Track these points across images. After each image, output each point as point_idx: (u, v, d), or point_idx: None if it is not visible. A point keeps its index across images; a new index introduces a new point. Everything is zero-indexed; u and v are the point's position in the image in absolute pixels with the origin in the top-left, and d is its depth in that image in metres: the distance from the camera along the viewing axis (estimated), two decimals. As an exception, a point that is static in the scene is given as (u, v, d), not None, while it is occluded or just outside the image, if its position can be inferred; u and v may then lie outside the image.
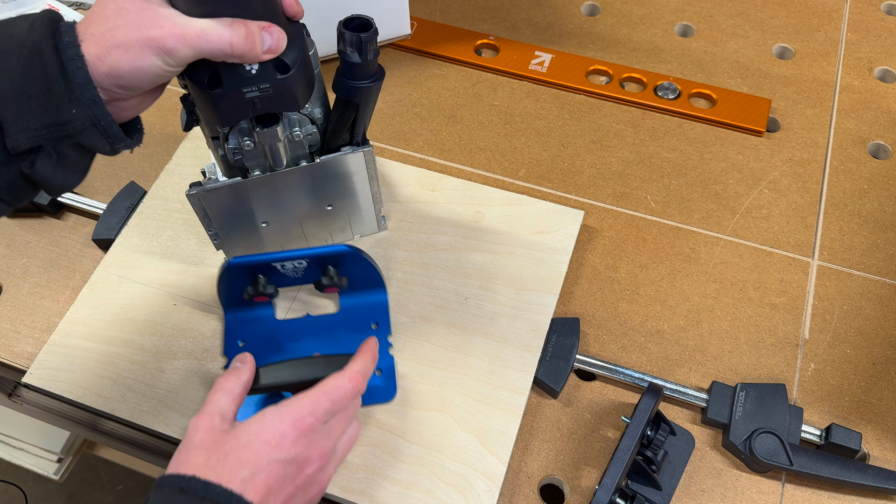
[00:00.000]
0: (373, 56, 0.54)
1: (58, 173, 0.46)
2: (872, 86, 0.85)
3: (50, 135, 0.44)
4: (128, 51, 0.44)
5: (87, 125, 0.45)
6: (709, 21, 0.92)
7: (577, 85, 0.85)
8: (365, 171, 0.63)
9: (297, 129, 0.57)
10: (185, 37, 0.45)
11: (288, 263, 0.61)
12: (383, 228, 0.71)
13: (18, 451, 1.42)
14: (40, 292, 0.70)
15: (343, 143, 0.61)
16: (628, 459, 0.56)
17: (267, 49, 0.48)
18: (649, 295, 0.70)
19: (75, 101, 0.44)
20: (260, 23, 0.47)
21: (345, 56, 0.54)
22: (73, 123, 0.44)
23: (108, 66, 0.44)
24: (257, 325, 0.65)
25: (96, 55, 0.44)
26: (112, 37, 0.44)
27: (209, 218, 0.62)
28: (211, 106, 0.51)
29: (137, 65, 0.44)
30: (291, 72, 0.50)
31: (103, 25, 0.44)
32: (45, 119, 0.44)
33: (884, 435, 0.62)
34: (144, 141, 0.51)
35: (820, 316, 0.68)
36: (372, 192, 0.66)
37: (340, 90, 0.56)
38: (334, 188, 0.64)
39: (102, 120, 0.45)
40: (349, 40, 0.53)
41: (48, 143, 0.45)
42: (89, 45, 0.44)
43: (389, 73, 0.87)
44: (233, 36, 0.46)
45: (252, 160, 0.58)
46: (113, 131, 0.46)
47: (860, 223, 0.74)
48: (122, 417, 0.61)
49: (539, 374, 0.63)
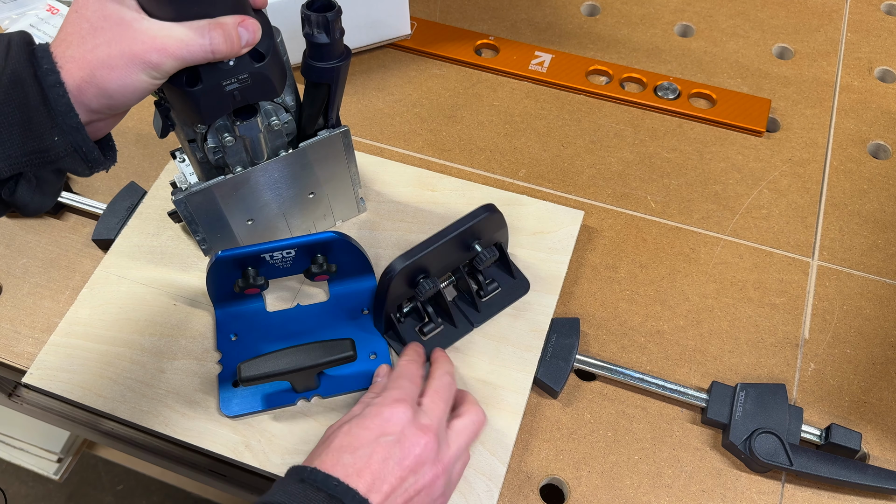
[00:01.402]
0: (339, 35, 0.55)
1: (35, 198, 0.47)
2: (872, 86, 0.85)
3: (31, 162, 0.44)
4: (113, 70, 0.44)
5: (68, 151, 0.45)
6: (709, 21, 0.92)
7: (577, 85, 0.85)
8: (343, 152, 0.64)
9: (274, 118, 0.58)
10: (168, 49, 0.45)
11: (276, 254, 0.61)
12: (363, 210, 0.72)
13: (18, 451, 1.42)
14: (40, 292, 0.70)
15: (318, 128, 0.62)
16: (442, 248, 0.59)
17: (245, 44, 0.48)
18: (649, 295, 0.70)
19: (57, 129, 0.44)
20: (235, 18, 0.47)
21: (311, 38, 0.55)
22: (55, 150, 0.44)
23: (96, 87, 0.44)
24: (249, 318, 0.65)
25: (82, 78, 0.44)
26: (94, 57, 0.44)
27: (196, 222, 0.62)
28: (192, 104, 0.51)
29: (125, 82, 0.44)
30: (266, 59, 0.51)
31: (82, 47, 0.44)
32: (26, 147, 0.44)
33: (884, 435, 0.62)
34: (144, 141, 0.51)
35: (820, 316, 0.68)
36: (350, 173, 0.67)
37: (311, 74, 0.57)
38: (315, 174, 0.65)
39: (83, 146, 0.45)
40: (315, 21, 0.53)
41: (29, 170, 0.45)
42: (72, 68, 0.44)
43: (389, 73, 0.87)
44: (213, 40, 0.46)
45: (233, 156, 0.59)
46: (93, 156, 0.46)
47: (860, 223, 0.74)
48: (122, 417, 0.61)
49: (539, 374, 0.63)
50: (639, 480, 0.60)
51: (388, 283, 0.59)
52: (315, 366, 0.56)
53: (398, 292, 0.61)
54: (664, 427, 0.62)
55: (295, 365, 0.56)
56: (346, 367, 0.62)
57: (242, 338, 0.64)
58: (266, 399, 0.61)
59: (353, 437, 0.49)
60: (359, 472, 0.47)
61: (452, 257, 0.63)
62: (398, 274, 0.58)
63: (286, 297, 0.67)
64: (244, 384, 0.56)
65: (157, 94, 0.54)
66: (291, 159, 0.62)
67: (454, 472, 0.53)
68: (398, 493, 0.48)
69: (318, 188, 0.67)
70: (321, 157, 0.64)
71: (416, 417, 0.51)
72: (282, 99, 0.58)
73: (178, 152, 0.65)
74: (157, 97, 0.55)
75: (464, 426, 0.54)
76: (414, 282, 0.61)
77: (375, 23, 0.85)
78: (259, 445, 0.60)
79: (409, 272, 0.59)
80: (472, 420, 0.55)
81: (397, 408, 0.51)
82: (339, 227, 0.72)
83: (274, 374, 0.56)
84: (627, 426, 0.63)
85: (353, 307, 0.66)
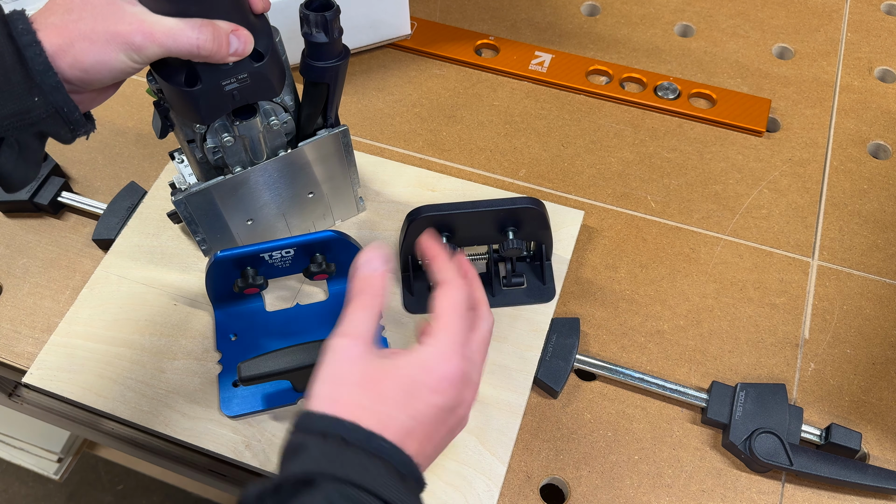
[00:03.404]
0: (338, 34, 0.55)
1: (19, 166, 0.46)
2: (872, 86, 0.85)
3: (13, 124, 0.43)
4: (93, 43, 0.43)
5: (50, 112, 0.44)
6: (709, 21, 0.92)
7: (577, 85, 0.85)
8: (342, 151, 0.65)
9: (273, 118, 0.58)
10: (154, 34, 0.44)
11: (275, 253, 0.61)
12: (362, 210, 0.72)
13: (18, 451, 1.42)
14: (40, 292, 0.70)
15: (317, 128, 0.62)
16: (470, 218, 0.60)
17: (233, 52, 0.48)
18: (649, 295, 0.70)
19: (36, 89, 0.43)
20: (229, 25, 0.47)
21: (310, 38, 0.55)
22: (37, 111, 0.43)
23: (72, 57, 0.43)
24: (248, 318, 0.65)
25: (59, 45, 0.43)
26: (76, 28, 0.43)
27: (196, 222, 0.62)
28: (191, 104, 0.51)
29: (102, 58, 0.44)
30: (265, 59, 0.51)
31: (66, 16, 0.44)
32: (6, 109, 0.43)
33: (884, 435, 0.62)
34: (144, 141, 0.51)
35: (820, 316, 0.68)
36: (349, 172, 0.67)
37: (310, 73, 0.57)
38: (314, 174, 0.65)
39: (65, 106, 0.44)
40: (314, 21, 0.54)
41: (11, 134, 0.44)
42: (50, 34, 0.43)
43: (389, 73, 0.87)
44: (200, 37, 0.46)
45: (233, 157, 0.59)
46: (75, 117, 0.45)
47: (860, 223, 0.74)
48: (122, 417, 0.61)
49: (539, 374, 0.63)
50: (639, 480, 0.60)
51: (409, 222, 0.61)
52: (315, 364, 0.56)
53: (416, 238, 0.60)
54: (664, 427, 0.62)
55: (295, 364, 0.56)
56: None
57: (242, 337, 0.64)
58: (266, 399, 0.61)
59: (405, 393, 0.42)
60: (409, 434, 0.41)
61: (483, 232, 0.64)
62: (421, 219, 0.60)
63: (285, 296, 0.67)
64: (244, 384, 0.56)
65: (156, 95, 0.54)
66: (290, 159, 0.62)
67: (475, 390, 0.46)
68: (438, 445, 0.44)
69: (317, 188, 0.67)
70: (320, 157, 0.64)
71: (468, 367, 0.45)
72: (281, 99, 0.58)
73: (176, 153, 0.65)
74: (156, 97, 0.55)
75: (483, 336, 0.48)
76: None
77: (375, 23, 0.85)
78: (259, 445, 0.60)
79: (435, 224, 0.61)
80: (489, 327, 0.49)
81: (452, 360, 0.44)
82: (338, 227, 0.72)
83: (274, 374, 0.56)
84: (627, 426, 0.63)
85: None
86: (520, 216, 0.63)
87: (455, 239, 0.64)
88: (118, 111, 0.83)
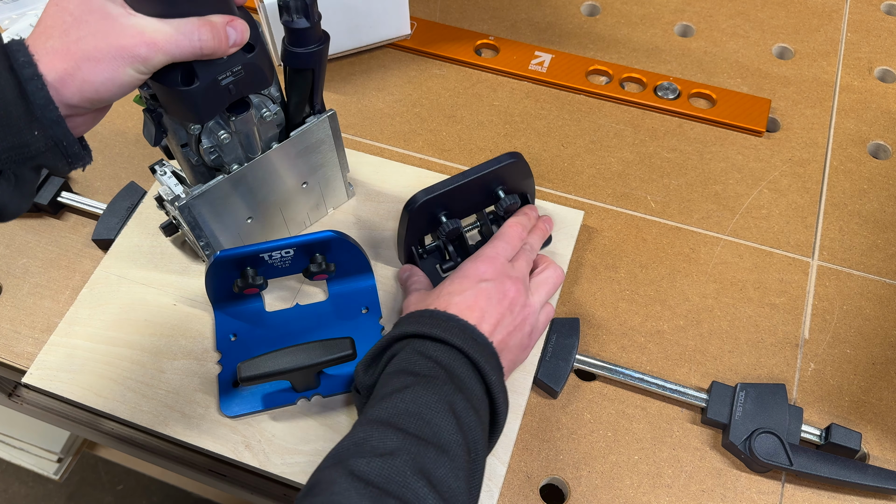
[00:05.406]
0: (318, 18, 0.56)
1: (14, 198, 0.45)
2: (872, 86, 0.85)
3: (11, 158, 0.43)
4: (98, 63, 0.43)
5: (48, 146, 0.43)
6: (709, 21, 0.92)
7: (577, 85, 0.85)
8: (331, 137, 0.65)
9: (265, 109, 0.58)
10: (157, 43, 0.44)
11: (275, 253, 0.61)
12: (352, 195, 0.73)
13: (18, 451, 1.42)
14: (40, 292, 0.70)
15: (305, 116, 0.63)
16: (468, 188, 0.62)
17: (233, 43, 0.48)
18: (649, 295, 0.70)
19: (36, 123, 0.42)
20: (222, 18, 0.47)
21: (291, 24, 0.55)
22: (36, 145, 0.43)
23: (80, 80, 0.43)
24: (248, 318, 0.65)
25: (64, 71, 0.42)
26: (78, 49, 0.43)
27: (200, 227, 0.62)
28: (189, 103, 0.51)
29: (111, 76, 0.43)
30: (256, 49, 0.51)
31: (66, 38, 0.43)
32: (5, 142, 0.42)
33: (884, 435, 0.62)
34: (144, 141, 0.51)
35: (820, 316, 0.68)
36: (339, 157, 0.68)
37: (294, 60, 0.57)
38: (308, 162, 0.66)
39: (64, 140, 0.44)
40: (294, 7, 0.54)
41: (8, 167, 0.43)
42: (53, 60, 0.42)
43: (389, 73, 0.87)
44: (202, 37, 0.46)
45: (230, 154, 0.59)
46: (74, 150, 0.45)
47: (860, 223, 0.74)
48: (122, 417, 0.61)
49: (539, 374, 0.63)
50: (639, 480, 0.60)
51: (409, 212, 0.62)
52: (315, 365, 0.56)
53: (419, 225, 0.64)
54: (664, 427, 0.62)
55: (294, 364, 0.56)
56: (346, 365, 0.62)
57: (242, 338, 0.64)
58: (266, 399, 0.61)
59: (458, 284, 0.57)
60: (469, 308, 0.55)
61: (475, 200, 0.66)
62: (420, 205, 0.61)
63: (285, 296, 0.67)
64: (244, 384, 0.56)
65: (145, 103, 0.54)
66: (284, 149, 0.62)
67: (540, 320, 0.60)
68: (499, 328, 0.55)
69: (310, 177, 0.67)
70: (312, 145, 0.64)
71: (506, 269, 0.59)
72: (268, 91, 0.59)
73: (157, 166, 0.63)
74: (145, 105, 0.54)
75: (544, 279, 0.61)
76: (436, 219, 0.64)
77: (375, 23, 0.85)
78: (259, 445, 0.60)
79: (432, 206, 0.62)
80: (551, 274, 0.62)
81: (490, 262, 0.58)
82: (332, 216, 0.72)
83: (273, 374, 0.56)
84: (627, 426, 0.63)
85: (353, 306, 0.66)
86: (506, 173, 0.64)
87: (454, 213, 0.64)
88: (118, 111, 0.83)
